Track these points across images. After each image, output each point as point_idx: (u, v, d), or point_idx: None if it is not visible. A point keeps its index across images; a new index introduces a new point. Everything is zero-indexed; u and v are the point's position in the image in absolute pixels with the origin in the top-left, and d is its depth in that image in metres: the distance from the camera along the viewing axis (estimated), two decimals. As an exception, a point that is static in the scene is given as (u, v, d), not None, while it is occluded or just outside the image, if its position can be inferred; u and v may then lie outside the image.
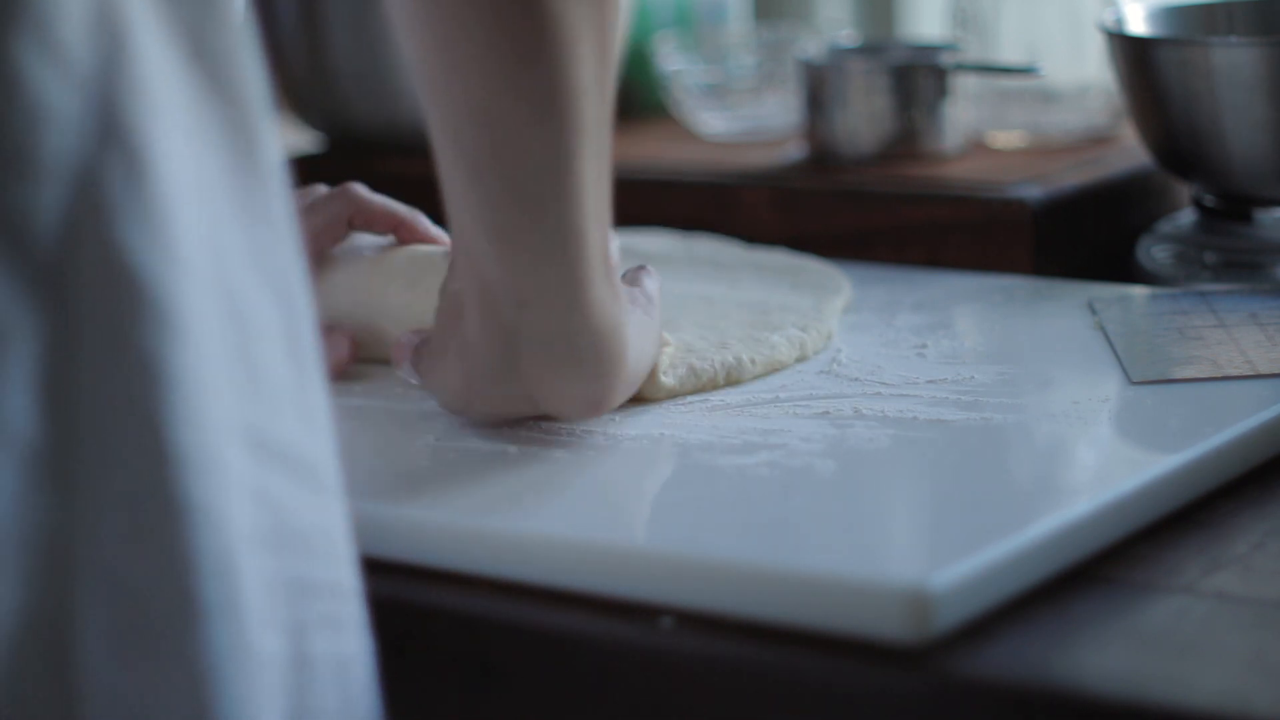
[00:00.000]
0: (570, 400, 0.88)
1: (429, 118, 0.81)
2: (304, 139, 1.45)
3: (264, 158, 0.71)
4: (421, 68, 0.79)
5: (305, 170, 1.33)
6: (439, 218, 0.90)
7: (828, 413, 0.93)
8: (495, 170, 0.79)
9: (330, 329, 1.00)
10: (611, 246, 0.85)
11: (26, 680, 0.65)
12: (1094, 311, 1.06)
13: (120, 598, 0.66)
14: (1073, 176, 1.23)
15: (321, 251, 1.03)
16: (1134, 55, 1.16)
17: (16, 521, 0.65)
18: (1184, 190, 1.23)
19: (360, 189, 1.04)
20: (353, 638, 0.73)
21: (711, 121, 1.42)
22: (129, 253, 0.66)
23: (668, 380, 0.96)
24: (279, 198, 0.71)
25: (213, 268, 0.68)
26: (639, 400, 0.96)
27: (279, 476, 0.70)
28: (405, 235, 1.04)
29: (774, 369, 1.00)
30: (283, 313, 0.71)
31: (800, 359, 1.02)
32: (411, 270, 1.02)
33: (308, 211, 1.03)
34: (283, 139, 0.78)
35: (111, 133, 0.66)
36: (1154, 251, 1.17)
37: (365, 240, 1.06)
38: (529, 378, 0.86)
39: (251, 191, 0.70)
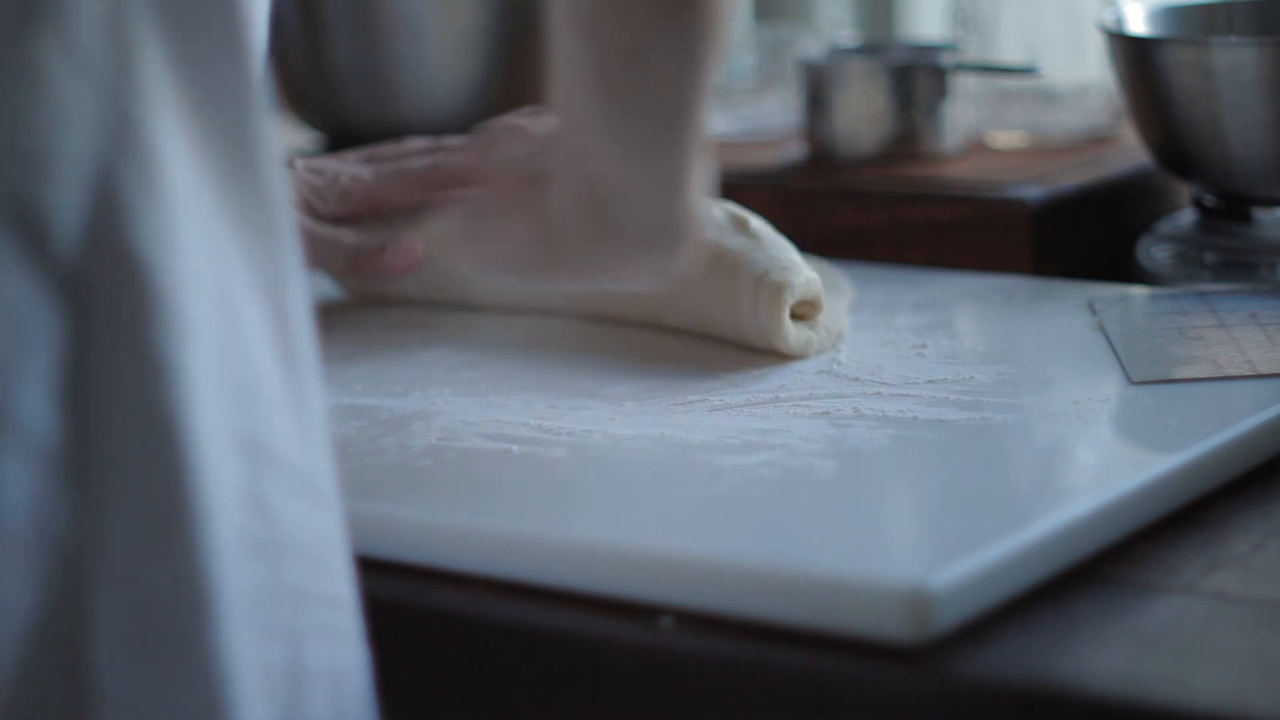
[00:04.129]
0: (647, 272, 0.91)
1: (566, 56, 0.85)
2: (304, 139, 1.45)
3: (262, 165, 0.71)
4: (573, 13, 0.83)
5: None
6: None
7: (828, 413, 0.93)
8: (639, 97, 0.83)
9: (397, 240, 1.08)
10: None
11: (40, 678, 0.65)
12: (1094, 311, 1.06)
13: (133, 597, 0.66)
14: (1073, 176, 1.23)
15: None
16: (1134, 55, 1.16)
17: (34, 521, 0.65)
18: (1184, 190, 1.23)
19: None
20: (348, 649, 0.73)
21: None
22: (144, 253, 0.66)
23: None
24: (277, 205, 0.72)
25: (211, 272, 0.68)
26: (779, 357, 1.01)
27: (275, 484, 0.70)
28: None
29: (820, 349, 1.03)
30: (276, 322, 0.71)
31: (815, 354, 1.02)
32: None
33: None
34: (282, 143, 0.79)
35: (126, 133, 0.66)
36: (1154, 251, 1.17)
37: None
38: (615, 255, 0.89)
39: (248, 198, 0.70)
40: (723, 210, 1.07)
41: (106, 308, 0.66)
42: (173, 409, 0.66)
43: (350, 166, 1.11)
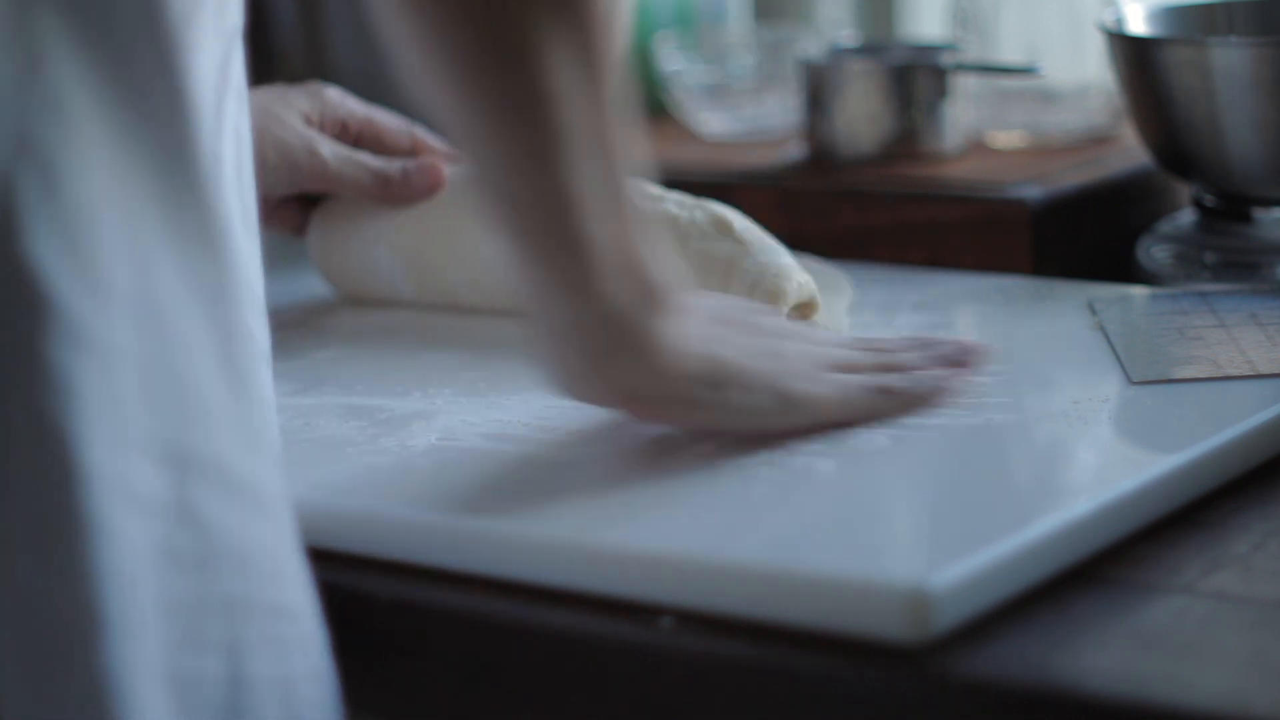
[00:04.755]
0: (599, 391, 0.84)
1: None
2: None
3: (202, 178, 0.70)
4: (404, 61, 0.78)
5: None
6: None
7: (828, 413, 0.93)
8: (481, 168, 0.77)
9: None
10: (650, 242, 0.81)
11: None
12: (1094, 311, 1.06)
13: (24, 612, 0.65)
14: (1073, 176, 1.23)
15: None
16: (1134, 55, 1.16)
17: None
18: (1184, 190, 1.23)
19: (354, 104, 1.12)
20: (301, 657, 0.73)
21: (711, 121, 1.42)
22: (39, 265, 0.65)
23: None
24: (220, 216, 0.71)
25: (134, 285, 0.68)
26: None
27: (209, 494, 0.69)
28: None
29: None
30: (216, 333, 0.70)
31: None
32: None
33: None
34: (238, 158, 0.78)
35: (26, 145, 0.65)
36: (1154, 251, 1.17)
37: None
38: (553, 363, 0.83)
39: (185, 210, 0.70)
40: (704, 212, 1.06)
41: None
42: (64, 421, 0.65)
43: (315, 136, 1.12)
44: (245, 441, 0.71)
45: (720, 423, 0.86)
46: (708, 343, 0.84)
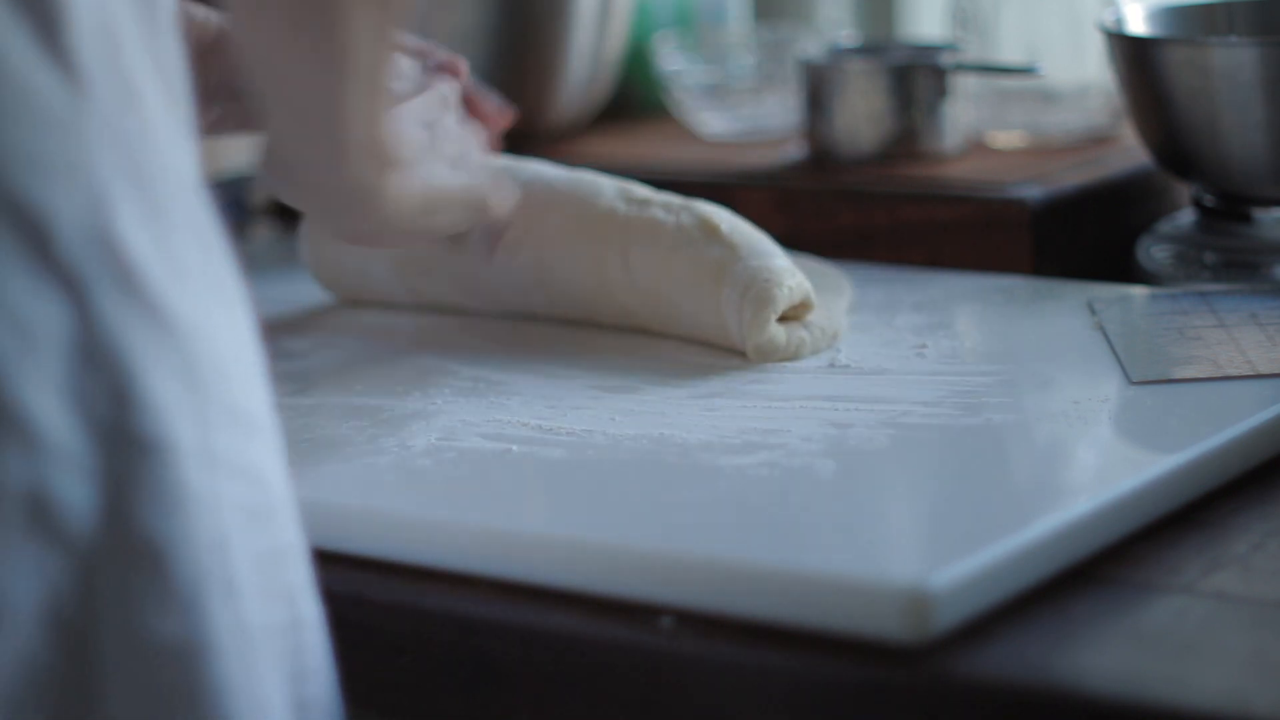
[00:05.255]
0: (334, 234, 1.04)
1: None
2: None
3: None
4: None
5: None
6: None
7: (828, 413, 0.93)
8: (275, 83, 0.88)
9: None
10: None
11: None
12: (1094, 311, 1.06)
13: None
14: (1073, 176, 1.23)
15: None
16: (1134, 55, 1.16)
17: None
18: (1184, 190, 1.23)
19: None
20: (313, 601, 0.74)
21: (711, 121, 1.42)
22: (132, 248, 0.67)
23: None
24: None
25: (202, 262, 0.70)
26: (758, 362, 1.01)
27: (257, 446, 0.71)
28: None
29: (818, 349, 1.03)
30: (230, 286, 0.72)
31: (809, 354, 1.02)
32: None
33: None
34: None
35: (112, 135, 0.67)
36: (1154, 251, 1.18)
37: None
38: (304, 205, 0.98)
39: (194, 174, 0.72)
40: (691, 215, 1.05)
41: (103, 306, 0.66)
42: (150, 397, 0.67)
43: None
44: (258, 386, 0.73)
45: (428, 239, 1.02)
46: (424, 180, 0.97)
